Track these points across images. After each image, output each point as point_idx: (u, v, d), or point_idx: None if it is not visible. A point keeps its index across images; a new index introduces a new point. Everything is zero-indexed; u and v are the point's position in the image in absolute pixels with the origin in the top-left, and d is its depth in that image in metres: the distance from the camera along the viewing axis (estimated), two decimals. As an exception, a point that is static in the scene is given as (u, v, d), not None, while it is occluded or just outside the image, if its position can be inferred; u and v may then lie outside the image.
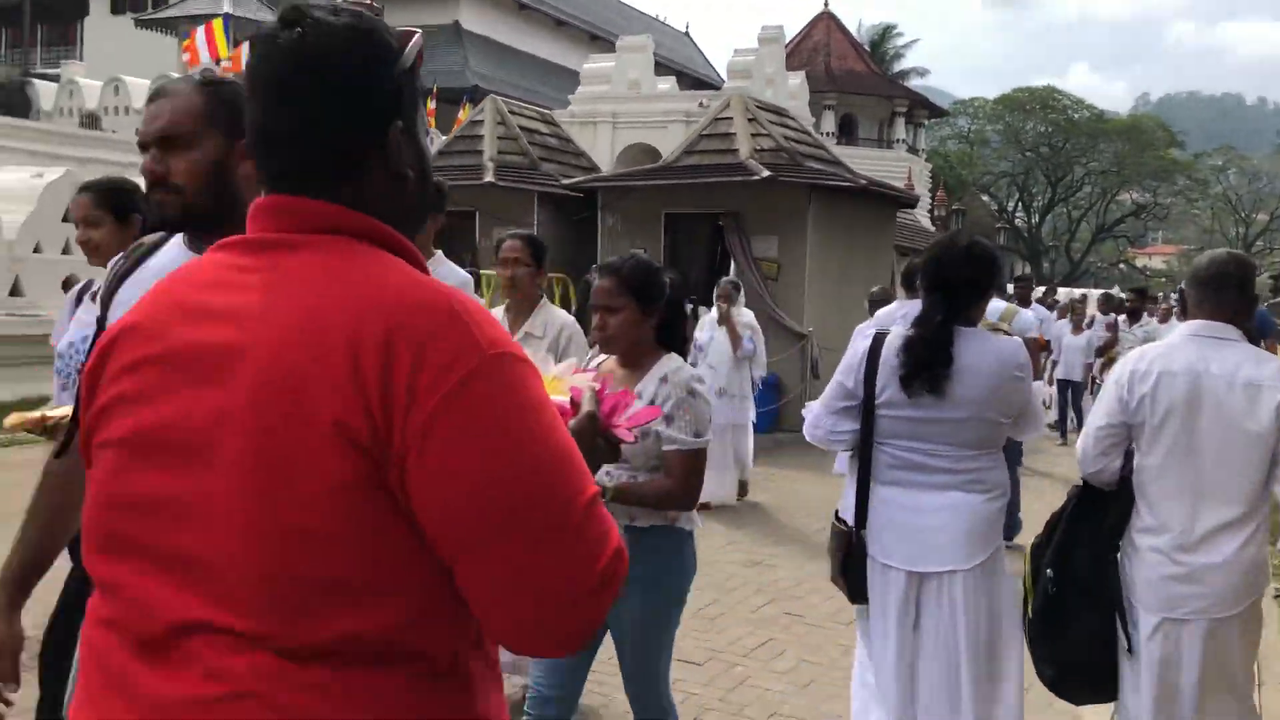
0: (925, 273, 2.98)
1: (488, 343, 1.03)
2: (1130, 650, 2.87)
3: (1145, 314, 12.26)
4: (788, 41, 35.89)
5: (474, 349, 1.02)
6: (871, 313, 9.38)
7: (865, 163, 30.49)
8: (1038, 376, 8.40)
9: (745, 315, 8.10)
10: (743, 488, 8.01)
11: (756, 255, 11.75)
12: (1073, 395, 11.86)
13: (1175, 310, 14.39)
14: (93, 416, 1.12)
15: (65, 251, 10.68)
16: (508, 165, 13.06)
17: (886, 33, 52.96)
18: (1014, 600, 3.03)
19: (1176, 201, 61.46)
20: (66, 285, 5.35)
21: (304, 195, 1.10)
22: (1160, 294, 28.94)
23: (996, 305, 7.47)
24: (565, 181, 12.81)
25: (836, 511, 3.12)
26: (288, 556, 0.99)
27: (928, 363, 2.80)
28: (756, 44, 26.93)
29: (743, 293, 8.26)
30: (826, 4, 41.95)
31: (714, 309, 7.92)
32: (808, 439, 3.14)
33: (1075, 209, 59.75)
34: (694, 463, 2.73)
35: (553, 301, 4.10)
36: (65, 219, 10.07)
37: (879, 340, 2.93)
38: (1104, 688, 2.98)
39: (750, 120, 12.58)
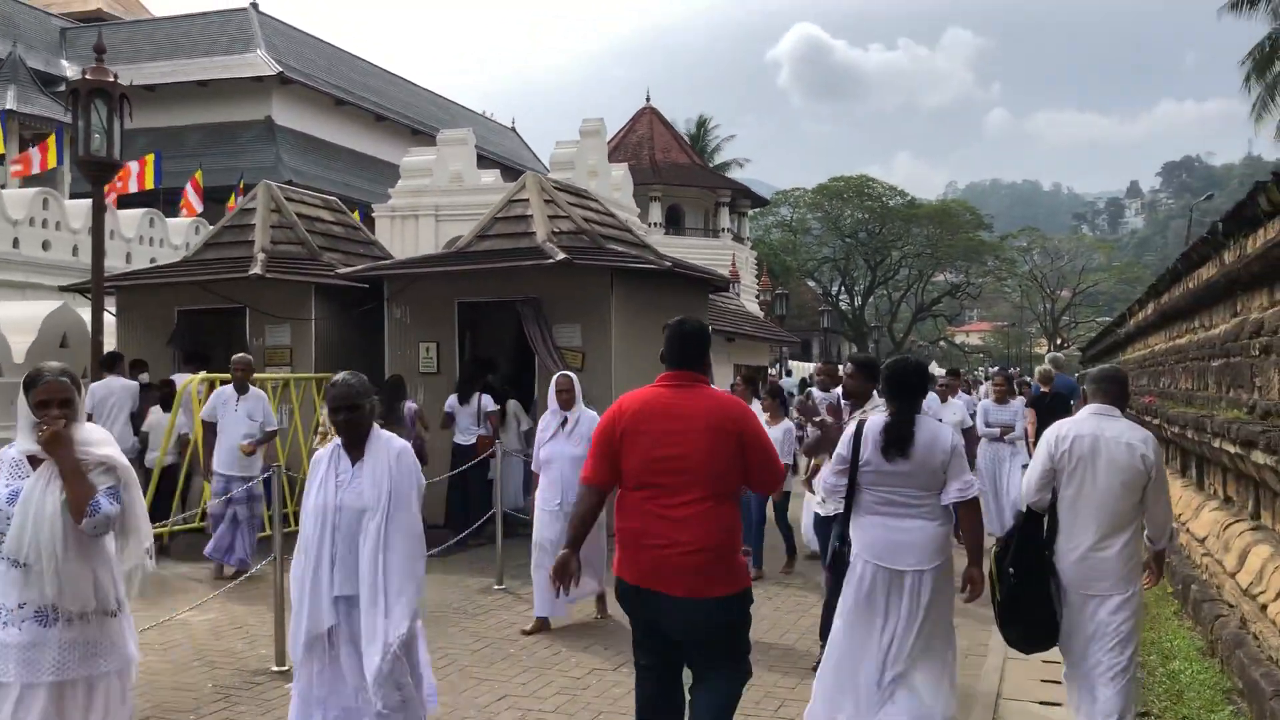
0: (888, 383, 4.63)
1: (747, 411, 4.14)
2: (1065, 614, 4.57)
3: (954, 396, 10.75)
4: (612, 136, 36.07)
5: (750, 414, 4.13)
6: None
7: (692, 251, 30.58)
8: None
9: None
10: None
11: (559, 344, 10.86)
12: None
13: (960, 386, 14.23)
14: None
15: None
16: (281, 256, 11.82)
17: (703, 125, 54.23)
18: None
19: (988, 281, 64.79)
20: None
21: (695, 371, 4.09)
22: (975, 371, 29.24)
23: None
24: (342, 270, 11.56)
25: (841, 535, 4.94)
26: (721, 468, 3.92)
27: (900, 439, 4.46)
28: (579, 136, 26.67)
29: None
30: (649, 99, 42.63)
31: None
32: (826, 493, 5.44)
33: (895, 290, 62.11)
34: None
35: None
36: None
37: (861, 425, 4.63)
38: (1047, 642, 4.64)
39: (547, 202, 11.82)
